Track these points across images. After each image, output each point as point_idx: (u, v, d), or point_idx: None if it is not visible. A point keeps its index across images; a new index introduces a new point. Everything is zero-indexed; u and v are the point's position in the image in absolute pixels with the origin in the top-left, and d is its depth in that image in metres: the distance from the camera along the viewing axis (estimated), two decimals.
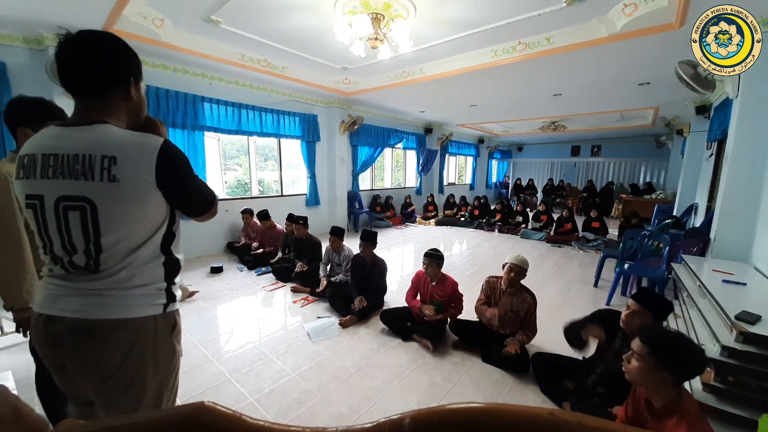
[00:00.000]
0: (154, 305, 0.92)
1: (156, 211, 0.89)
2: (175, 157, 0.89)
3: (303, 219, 4.14)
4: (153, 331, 0.92)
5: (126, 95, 0.91)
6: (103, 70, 0.85)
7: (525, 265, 2.47)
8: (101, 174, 0.81)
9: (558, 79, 4.89)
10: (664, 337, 1.26)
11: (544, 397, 2.11)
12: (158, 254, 0.93)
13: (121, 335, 0.87)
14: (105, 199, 0.82)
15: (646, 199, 9.33)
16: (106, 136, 0.84)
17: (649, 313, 1.73)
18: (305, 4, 3.10)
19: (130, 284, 0.88)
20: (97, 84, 0.86)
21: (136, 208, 0.85)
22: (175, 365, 1.02)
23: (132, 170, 0.83)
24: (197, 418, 0.33)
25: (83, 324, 0.85)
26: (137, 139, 0.86)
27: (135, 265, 0.88)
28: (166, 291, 0.95)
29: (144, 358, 0.91)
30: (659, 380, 1.22)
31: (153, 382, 0.94)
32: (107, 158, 0.81)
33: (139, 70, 0.94)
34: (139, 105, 0.96)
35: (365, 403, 2.03)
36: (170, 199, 0.91)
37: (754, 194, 2.91)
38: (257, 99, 5.47)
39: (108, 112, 0.88)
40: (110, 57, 0.86)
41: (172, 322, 0.98)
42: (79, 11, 3.00)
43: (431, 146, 9.55)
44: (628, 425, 1.31)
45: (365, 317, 3.09)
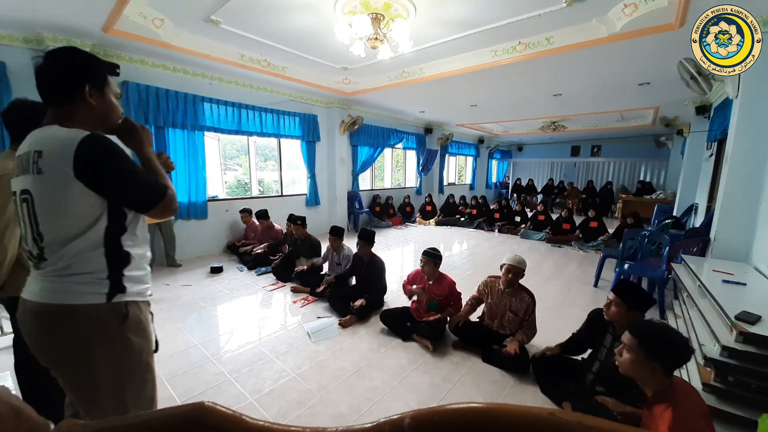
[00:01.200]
0: (95, 294, 0.96)
1: (84, 203, 0.93)
2: (96, 150, 0.92)
3: (301, 219, 4.15)
4: (97, 320, 0.96)
5: (85, 102, 0.98)
6: (57, 83, 0.96)
7: (522, 266, 2.47)
8: (32, 167, 0.91)
9: (558, 79, 4.89)
10: (652, 329, 1.32)
11: (544, 397, 2.11)
12: (99, 246, 0.96)
13: (65, 320, 0.93)
14: (36, 190, 0.92)
15: (646, 199, 9.34)
16: (44, 135, 0.93)
17: (623, 302, 1.80)
18: (305, 4, 3.10)
19: (68, 272, 0.94)
20: (55, 94, 0.97)
21: (60, 199, 0.91)
22: (136, 361, 1.03)
23: (53, 162, 0.90)
24: (197, 418, 0.33)
25: (36, 307, 0.94)
26: (63, 133, 0.92)
27: (71, 254, 0.93)
28: (110, 280, 0.98)
29: (89, 346, 0.95)
30: (650, 370, 1.27)
31: (106, 375, 0.97)
32: (36, 153, 0.91)
33: (96, 78, 0.99)
34: (103, 109, 1.02)
35: (365, 403, 2.03)
36: (98, 191, 0.94)
37: (754, 194, 2.91)
38: (257, 99, 5.47)
39: (67, 117, 0.96)
40: (62, 71, 0.96)
41: (122, 313, 1.00)
42: (79, 11, 3.00)
43: (431, 146, 9.55)
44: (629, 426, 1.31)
45: (365, 317, 3.09)
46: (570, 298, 3.74)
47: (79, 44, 3.53)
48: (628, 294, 1.81)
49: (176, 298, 3.52)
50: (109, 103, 1.03)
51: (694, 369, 1.84)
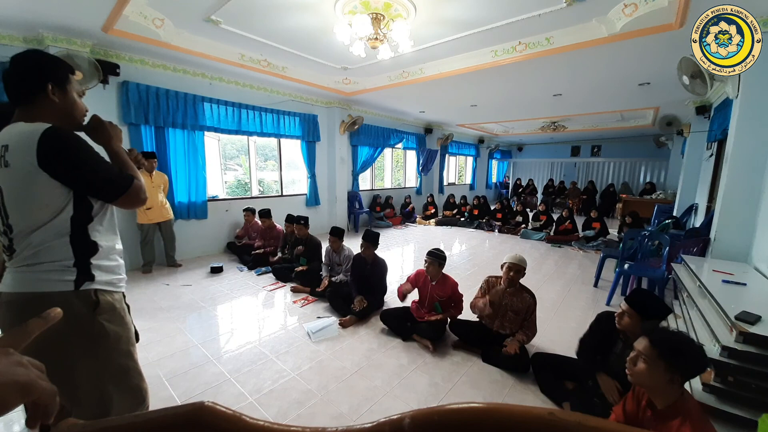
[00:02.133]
0: (62, 281, 0.98)
1: (49, 193, 0.96)
2: (59, 142, 0.96)
3: (304, 219, 4.14)
4: (66, 307, 0.96)
5: (48, 99, 1.02)
6: (19, 84, 1.00)
7: (524, 264, 2.47)
8: (1, 161, 0.95)
9: (558, 79, 4.88)
10: (672, 340, 1.24)
11: (544, 397, 2.11)
12: (64, 234, 1.00)
13: (33, 309, 0.94)
14: (5, 183, 0.96)
15: (646, 200, 9.34)
16: (10, 130, 0.97)
17: (637, 314, 1.72)
18: (305, 4, 3.10)
19: (35, 261, 0.97)
20: (17, 95, 1.01)
21: (27, 190, 0.95)
22: (113, 348, 1.05)
23: (18, 155, 0.94)
24: (197, 418, 0.33)
25: (8, 297, 0.98)
26: (26, 127, 0.96)
27: (36, 243, 0.97)
28: (77, 267, 1.00)
29: (62, 336, 0.96)
30: (667, 382, 1.20)
31: (83, 361, 0.99)
32: (3, 147, 0.95)
33: (58, 76, 1.04)
34: (66, 106, 1.06)
35: (365, 403, 2.03)
36: (63, 181, 0.97)
37: (754, 194, 2.91)
38: (257, 99, 5.47)
39: (31, 114, 1.00)
40: (25, 72, 1.00)
41: (92, 300, 1.02)
42: (79, 11, 3.00)
43: (431, 146, 9.55)
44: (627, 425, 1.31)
45: (365, 317, 3.09)
46: (570, 298, 3.73)
47: (79, 44, 3.53)
48: (642, 305, 1.74)
49: (176, 298, 3.52)
50: (71, 100, 1.07)
51: None
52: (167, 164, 4.52)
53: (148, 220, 4.15)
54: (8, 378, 0.33)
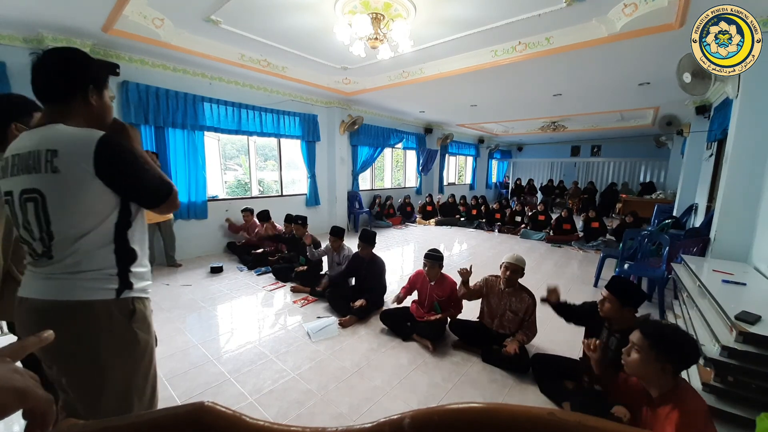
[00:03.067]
0: (104, 290, 0.96)
1: (101, 201, 0.94)
2: (114, 149, 0.94)
3: (302, 219, 4.14)
4: (106, 316, 0.96)
5: (86, 101, 0.99)
6: (58, 82, 0.96)
7: (522, 264, 2.47)
8: (45, 166, 0.90)
9: (558, 79, 4.88)
10: (663, 330, 1.31)
11: (544, 397, 2.12)
12: (109, 242, 0.97)
13: (74, 317, 0.93)
14: (50, 190, 0.91)
15: (646, 199, 9.34)
16: (52, 133, 0.93)
17: (615, 299, 1.81)
18: (305, 4, 3.10)
19: (77, 269, 0.94)
20: (54, 93, 0.97)
21: (78, 197, 0.92)
22: (142, 356, 1.04)
23: (71, 161, 0.90)
24: (197, 418, 0.33)
25: (40, 305, 0.93)
26: (79, 132, 0.93)
27: (81, 251, 0.94)
28: (119, 276, 0.99)
29: (98, 343, 0.95)
30: (659, 371, 1.26)
31: (114, 370, 0.98)
32: (50, 151, 0.90)
33: (98, 79, 1.01)
34: (101, 110, 1.04)
35: (365, 403, 2.03)
36: (115, 189, 0.96)
37: (754, 194, 2.91)
38: (257, 99, 5.47)
39: (66, 115, 0.97)
40: (65, 70, 0.96)
41: (129, 308, 1.01)
42: (79, 11, 2.99)
43: (431, 146, 9.55)
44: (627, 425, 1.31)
45: (365, 317, 3.09)
46: (570, 298, 3.67)
47: (79, 44, 3.53)
48: (620, 291, 1.83)
49: (176, 298, 3.52)
50: (106, 104, 1.05)
51: (694, 369, 1.84)
52: (167, 164, 4.52)
53: (148, 220, 4.10)
54: (6, 383, 0.35)
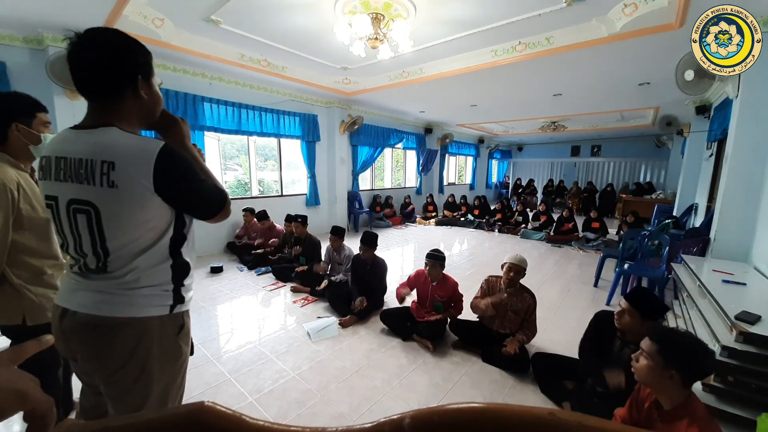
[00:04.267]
0: (160, 306, 0.93)
1: (159, 216, 0.89)
2: (173, 163, 0.87)
3: (302, 218, 4.14)
4: (159, 330, 0.94)
5: (136, 94, 0.89)
6: (108, 72, 0.83)
7: (524, 265, 2.47)
8: (101, 179, 0.82)
9: (558, 79, 4.88)
10: (673, 336, 1.25)
11: (544, 397, 2.12)
12: (166, 257, 0.93)
13: (127, 333, 0.89)
14: (106, 204, 0.84)
15: (646, 199, 9.34)
16: (107, 141, 0.83)
17: (637, 312, 1.74)
18: (305, 4, 3.10)
19: (136, 285, 0.89)
20: (104, 86, 0.85)
21: (136, 214, 0.85)
22: (181, 365, 1.03)
23: (129, 176, 0.82)
24: (197, 418, 0.33)
25: (92, 320, 0.88)
26: (136, 143, 0.84)
27: (141, 268, 0.89)
28: (174, 292, 0.96)
29: (149, 357, 0.93)
30: (666, 379, 1.20)
31: (159, 381, 0.96)
32: (107, 163, 0.82)
33: (147, 67, 0.90)
34: (151, 103, 0.94)
35: (365, 403, 2.03)
36: (172, 204, 0.91)
37: (754, 194, 2.91)
38: (257, 99, 5.47)
39: (117, 113, 0.88)
40: (112, 58, 0.83)
41: (180, 323, 0.99)
42: (79, 11, 2.99)
43: (431, 146, 9.55)
44: (629, 425, 1.31)
45: (365, 317, 3.09)
46: (570, 298, 3.74)
47: None
48: (642, 302, 1.75)
49: None
50: (157, 94, 0.95)
51: None
52: None
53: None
54: (6, 385, 0.36)
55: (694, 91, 3.30)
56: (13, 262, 1.28)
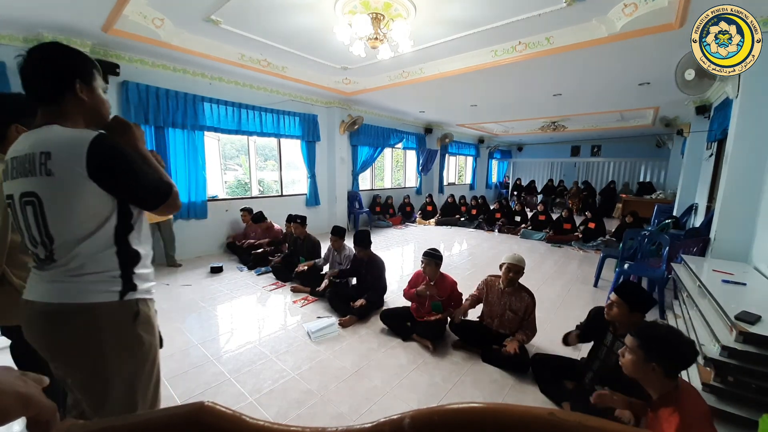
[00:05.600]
0: (108, 292, 0.96)
1: (98, 203, 0.94)
2: (107, 149, 0.93)
3: (301, 218, 4.14)
4: (110, 318, 0.97)
5: (76, 97, 0.97)
6: (45, 81, 0.94)
7: (522, 264, 2.48)
8: (40, 169, 0.89)
9: (558, 79, 4.88)
10: (653, 330, 1.33)
11: (544, 397, 2.11)
12: (110, 245, 0.97)
13: (78, 320, 0.94)
14: (46, 192, 0.90)
15: (646, 199, 9.34)
16: (46, 135, 0.92)
17: (625, 303, 1.81)
18: (305, 4, 3.10)
19: (81, 272, 0.94)
20: (45, 93, 0.95)
21: (73, 200, 0.91)
22: (145, 357, 1.04)
23: (64, 163, 0.89)
24: (197, 417, 0.33)
25: (45, 308, 0.94)
26: (72, 134, 0.92)
27: (84, 254, 0.94)
28: (122, 278, 0.99)
29: (102, 345, 0.96)
30: (649, 371, 1.27)
31: (119, 372, 0.99)
32: (44, 154, 0.89)
33: (86, 73, 0.98)
34: (94, 105, 1.01)
35: (365, 403, 2.03)
36: (110, 191, 0.94)
37: (754, 194, 2.91)
38: (257, 99, 5.47)
39: (60, 115, 0.95)
40: (51, 68, 0.94)
41: (134, 310, 1.01)
42: (79, 11, 2.99)
43: (431, 146, 9.55)
44: (630, 426, 1.31)
45: (365, 317, 3.09)
46: (570, 298, 3.73)
47: (79, 44, 3.53)
48: (629, 295, 1.82)
49: (176, 298, 3.52)
50: (99, 97, 1.03)
51: (694, 369, 1.84)
52: (167, 164, 4.52)
53: (152, 219, 4.16)
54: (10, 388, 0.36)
55: (694, 91, 3.30)
56: (13, 262, 1.28)
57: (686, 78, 3.18)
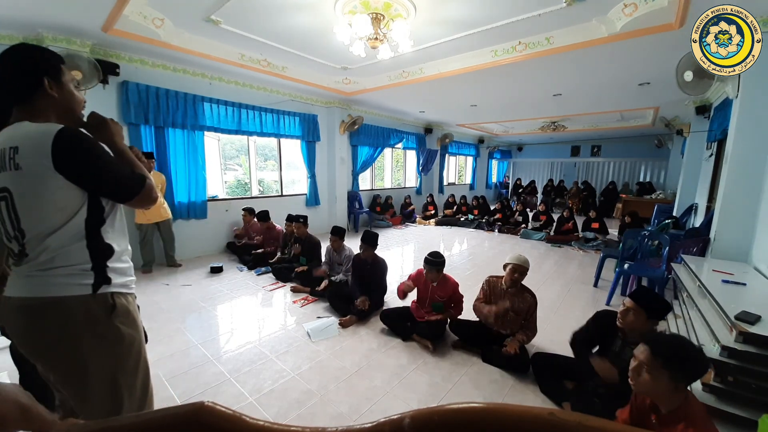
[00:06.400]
0: (80, 285, 0.96)
1: (67, 196, 0.94)
2: (73, 141, 0.93)
3: (303, 218, 4.14)
4: (83, 311, 0.96)
5: (45, 94, 0.98)
6: (13, 82, 0.96)
7: (527, 265, 2.47)
8: (8, 164, 0.91)
9: (558, 79, 4.88)
10: (673, 346, 1.23)
11: (544, 397, 2.11)
12: (80, 238, 0.97)
13: (51, 314, 0.94)
14: (15, 187, 0.92)
15: (646, 199, 9.34)
16: (15, 131, 0.93)
17: (643, 311, 1.73)
18: (305, 4, 3.10)
19: (51, 265, 0.94)
20: (16, 94, 0.97)
21: (41, 193, 0.92)
22: (128, 351, 1.04)
23: (30, 157, 0.90)
24: (197, 417, 0.33)
25: (20, 302, 0.94)
26: (39, 128, 0.93)
27: (53, 248, 0.94)
28: (94, 271, 0.99)
29: (78, 339, 0.95)
30: (672, 389, 1.20)
31: (99, 367, 0.98)
32: (12, 149, 0.91)
33: (52, 69, 1.00)
34: (64, 100, 1.02)
35: (365, 403, 2.03)
36: (78, 183, 0.95)
37: (754, 194, 2.91)
38: (257, 99, 5.47)
39: (31, 111, 0.97)
40: (18, 69, 0.96)
41: (109, 303, 1.01)
42: (79, 11, 2.99)
43: (431, 146, 9.55)
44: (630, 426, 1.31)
45: (365, 317, 3.09)
46: (570, 298, 3.73)
47: (79, 44, 3.53)
48: (649, 302, 1.74)
49: (176, 298, 3.52)
50: (69, 93, 1.04)
51: None
52: (167, 164, 4.52)
53: (147, 220, 4.16)
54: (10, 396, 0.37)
55: (695, 91, 3.30)
56: None
57: (685, 79, 3.18)
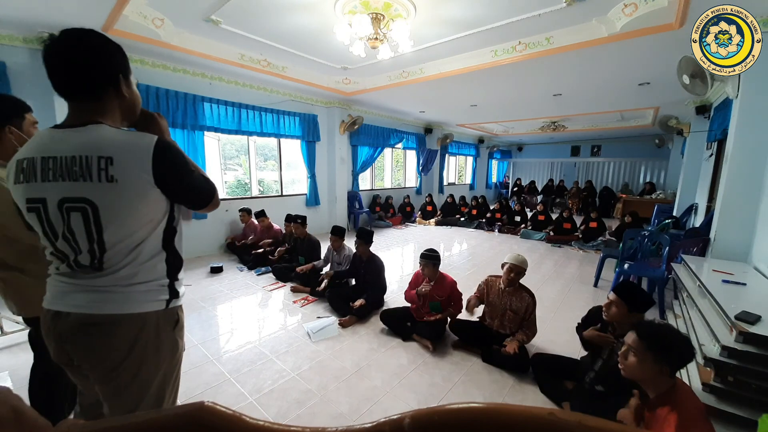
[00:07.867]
0: (156, 301, 0.94)
1: (156, 208, 0.91)
2: (170, 154, 0.89)
3: (301, 218, 4.14)
4: (155, 326, 0.94)
5: (118, 94, 0.91)
6: (90, 73, 0.85)
7: (524, 265, 2.47)
8: (99, 175, 0.82)
9: (558, 79, 4.88)
10: (659, 331, 1.30)
11: (544, 397, 2.11)
12: (160, 250, 0.94)
13: (124, 330, 0.90)
14: (105, 200, 0.83)
15: (646, 199, 9.34)
16: (100, 137, 0.84)
17: (624, 303, 1.80)
18: (305, 4, 3.10)
19: (132, 281, 0.90)
20: (88, 87, 0.86)
21: (137, 207, 0.86)
22: (177, 360, 1.04)
23: (129, 170, 0.83)
24: (197, 418, 0.33)
25: (88, 319, 0.87)
26: (131, 138, 0.86)
27: (137, 262, 0.90)
28: (169, 287, 0.96)
29: (147, 352, 0.93)
30: (657, 373, 1.26)
31: (156, 377, 0.97)
32: (104, 159, 0.82)
33: (126, 66, 0.93)
34: (132, 102, 0.96)
35: (365, 403, 2.03)
36: (169, 196, 0.92)
37: (754, 194, 2.91)
38: (257, 99, 5.47)
39: (101, 112, 0.89)
40: (95, 58, 0.85)
41: (175, 318, 1.00)
42: (79, 11, 2.99)
43: (431, 146, 9.55)
44: (629, 426, 1.31)
45: (365, 317, 3.09)
46: (570, 298, 3.73)
47: None
48: (629, 294, 1.81)
49: None
50: (136, 94, 0.97)
51: (694, 369, 1.84)
52: None
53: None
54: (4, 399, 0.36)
55: (697, 91, 3.30)
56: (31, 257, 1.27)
57: (684, 82, 3.19)
